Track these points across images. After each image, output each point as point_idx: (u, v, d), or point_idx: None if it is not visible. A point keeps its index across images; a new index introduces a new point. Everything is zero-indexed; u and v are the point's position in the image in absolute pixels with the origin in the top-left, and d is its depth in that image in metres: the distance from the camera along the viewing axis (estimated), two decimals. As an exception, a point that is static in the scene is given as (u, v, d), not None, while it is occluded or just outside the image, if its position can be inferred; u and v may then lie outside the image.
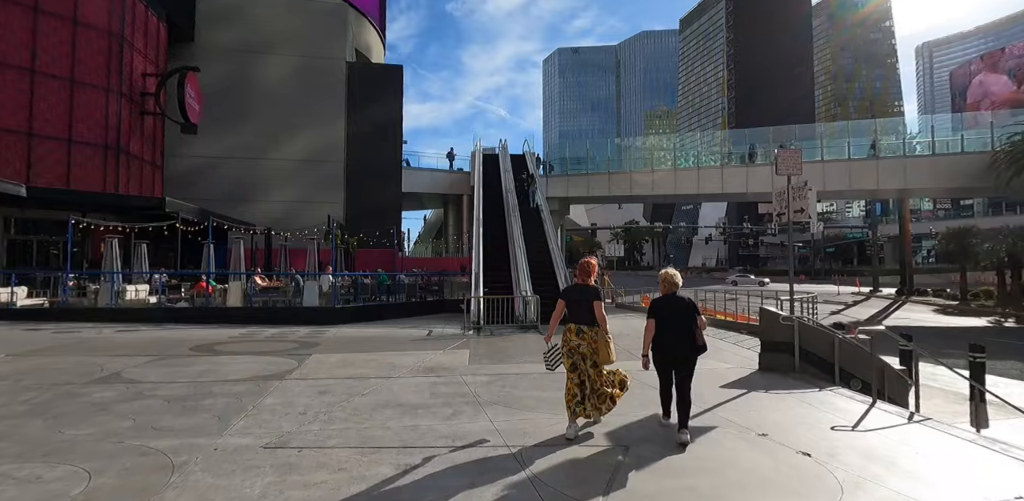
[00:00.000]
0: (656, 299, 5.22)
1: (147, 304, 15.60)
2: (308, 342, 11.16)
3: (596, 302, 5.03)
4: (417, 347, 10.64)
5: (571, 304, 5.18)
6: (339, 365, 8.36)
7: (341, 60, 33.18)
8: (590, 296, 5.07)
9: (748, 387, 7.12)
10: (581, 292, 5.16)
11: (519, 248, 17.85)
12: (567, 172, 36.09)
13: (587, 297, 5.07)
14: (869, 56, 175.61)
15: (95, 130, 21.90)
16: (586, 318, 5.05)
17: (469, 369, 8.13)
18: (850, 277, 60.43)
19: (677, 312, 4.97)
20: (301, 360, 8.80)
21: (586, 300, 5.06)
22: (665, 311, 5.01)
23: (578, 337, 5.05)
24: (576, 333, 5.06)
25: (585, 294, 5.11)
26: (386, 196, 32.86)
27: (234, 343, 11.04)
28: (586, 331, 5.04)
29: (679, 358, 5.00)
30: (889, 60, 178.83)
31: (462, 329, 13.41)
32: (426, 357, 9.20)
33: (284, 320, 14.87)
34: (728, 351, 10.34)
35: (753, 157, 31.82)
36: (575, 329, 5.08)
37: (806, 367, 8.08)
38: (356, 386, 6.77)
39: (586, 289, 5.16)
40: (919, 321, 24.25)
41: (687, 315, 4.93)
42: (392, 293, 18.75)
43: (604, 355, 5.04)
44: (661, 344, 4.99)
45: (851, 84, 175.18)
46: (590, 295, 5.08)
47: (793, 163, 8.43)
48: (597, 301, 5.04)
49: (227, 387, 6.63)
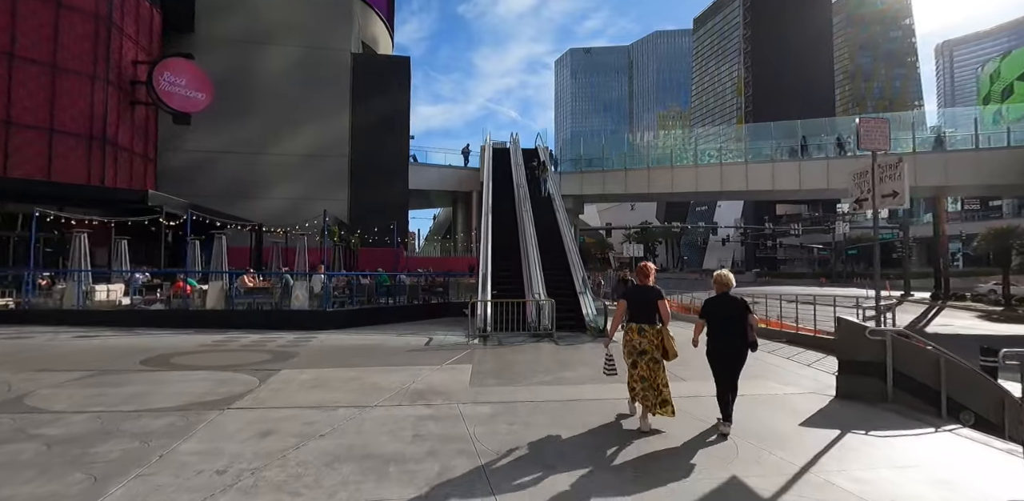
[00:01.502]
0: (710, 298, 5.38)
1: (118, 306, 14.07)
2: (286, 352, 9.53)
3: (660, 301, 5.29)
4: (411, 360, 8.97)
5: (633, 304, 5.38)
6: (308, 386, 6.71)
7: (346, 51, 31.74)
8: (653, 296, 5.30)
9: (838, 425, 5.35)
10: (644, 292, 5.37)
11: (532, 247, 16.14)
12: (581, 169, 34.28)
13: (650, 297, 5.30)
14: (888, 55, 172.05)
15: (79, 119, 20.51)
16: (648, 317, 5.26)
17: (469, 394, 6.43)
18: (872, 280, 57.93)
19: (730, 311, 5.15)
20: (266, 378, 7.16)
21: (649, 300, 5.28)
22: (718, 309, 5.22)
23: (640, 335, 5.23)
24: (638, 332, 5.25)
25: (648, 294, 5.33)
26: (392, 193, 31.31)
27: (201, 353, 9.45)
28: (647, 329, 5.23)
29: (732, 354, 5.14)
30: (909, 59, 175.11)
31: (467, 337, 11.73)
32: (419, 374, 7.52)
33: (270, 324, 13.29)
34: (784, 369, 8.56)
35: (806, 149, 29.72)
36: (636, 328, 5.27)
37: (900, 395, 6.30)
38: (316, 422, 5.10)
39: (649, 289, 5.37)
40: (967, 328, 22.20)
41: (739, 313, 5.10)
42: (392, 295, 17.13)
43: (670, 349, 5.23)
44: (715, 341, 5.18)
45: (869, 83, 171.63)
46: (653, 295, 5.31)
47: (879, 135, 6.68)
48: (661, 300, 5.30)
49: (145, 422, 4.99)
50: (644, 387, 5.12)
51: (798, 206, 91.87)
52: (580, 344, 10.77)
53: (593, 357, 9.36)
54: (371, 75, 32.09)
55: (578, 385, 7.11)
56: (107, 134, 21.39)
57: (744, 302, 5.15)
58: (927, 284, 43.49)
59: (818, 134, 31.88)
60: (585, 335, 12.38)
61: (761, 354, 9.78)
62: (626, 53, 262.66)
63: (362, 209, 29.45)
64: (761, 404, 6.17)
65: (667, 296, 5.81)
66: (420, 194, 38.19)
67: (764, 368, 8.47)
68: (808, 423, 5.47)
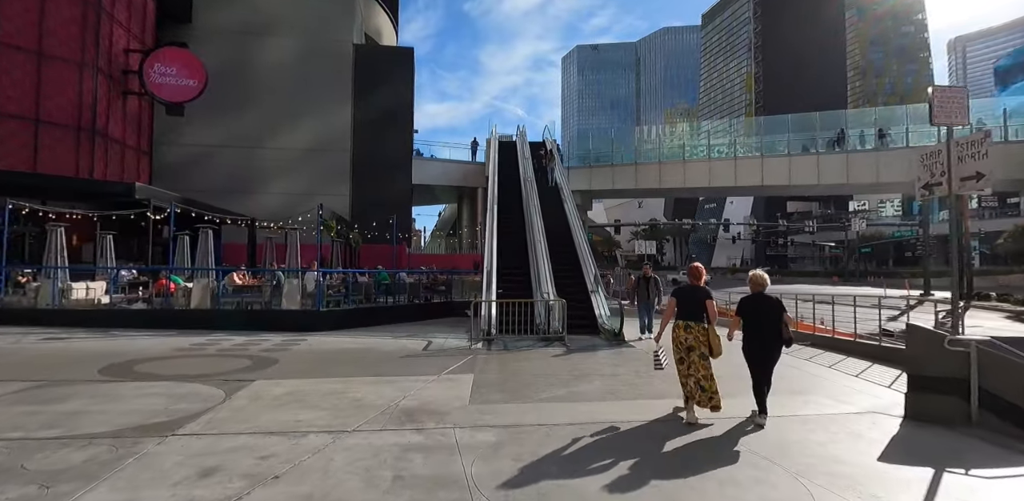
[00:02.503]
0: (745, 297, 5.55)
1: (97, 305, 13.13)
2: (267, 358, 8.55)
3: (708, 301, 5.46)
4: (405, 368, 7.97)
5: (682, 303, 5.57)
6: (279, 403, 5.71)
7: (348, 42, 30.75)
8: (701, 296, 5.50)
9: (924, 458, 4.31)
10: (693, 292, 5.57)
11: (540, 243, 15.11)
12: (590, 164, 33.18)
13: (699, 297, 5.50)
14: (900, 50, 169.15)
15: (67, 109, 19.59)
16: (695, 315, 5.46)
17: (468, 414, 5.41)
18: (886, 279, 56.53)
19: (765, 309, 5.34)
20: (234, 391, 6.18)
21: (698, 299, 5.48)
22: (754, 308, 5.42)
23: (686, 332, 5.43)
24: (684, 329, 5.44)
25: (697, 294, 5.54)
26: (395, 188, 30.34)
27: (174, 359, 8.49)
28: (694, 326, 5.42)
29: (767, 350, 5.33)
30: (921, 54, 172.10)
31: (469, 340, 10.72)
32: (412, 387, 6.52)
33: (258, 325, 12.32)
34: (830, 380, 7.49)
35: (842, 141, 28.52)
36: (683, 325, 5.46)
37: (988, 417, 5.25)
38: (274, 456, 4.09)
39: (698, 289, 5.57)
40: (998, 330, 20.92)
41: (774, 312, 5.29)
42: (392, 294, 16.13)
43: (716, 347, 5.40)
44: (751, 338, 5.37)
45: (880, 79, 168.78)
46: (701, 295, 5.51)
47: (955, 107, 5.60)
48: (709, 300, 5.48)
49: (62, 455, 4.00)
50: (692, 382, 5.34)
51: (809, 204, 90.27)
52: (594, 350, 9.73)
53: (610, 366, 8.33)
54: (374, 67, 31.08)
55: (596, 402, 6.08)
56: (97, 125, 20.48)
57: (779, 301, 5.37)
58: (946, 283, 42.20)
59: (835, 127, 30.65)
60: (598, 338, 11.36)
61: (799, 361, 8.73)
62: (633, 50, 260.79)
63: (364, 204, 28.45)
64: (819, 428, 5.13)
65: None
66: (424, 189, 37.19)
67: (809, 380, 7.41)
68: (887, 456, 4.41)
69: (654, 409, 5.69)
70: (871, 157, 28.46)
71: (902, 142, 28.23)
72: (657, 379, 7.08)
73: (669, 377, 6.15)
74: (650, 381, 7.13)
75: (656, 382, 7.01)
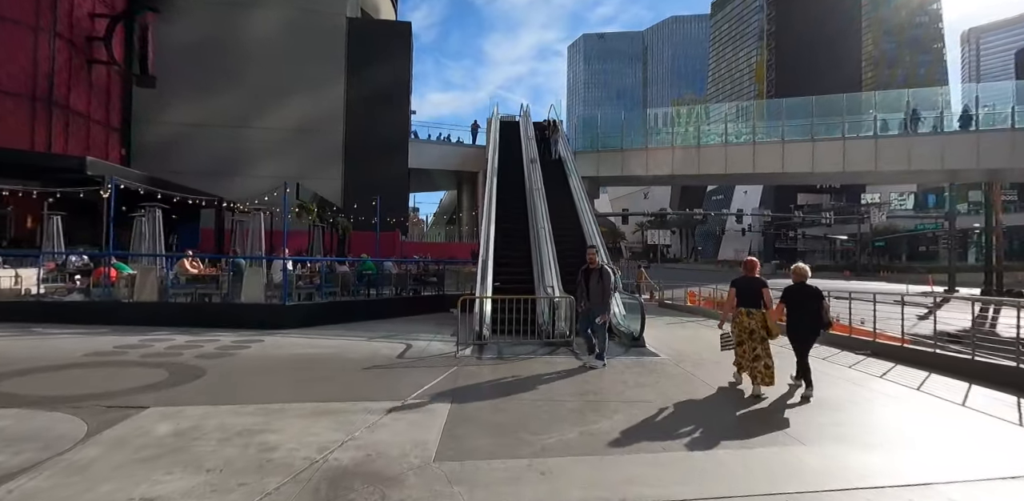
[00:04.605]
0: (789, 287, 6.25)
1: (22, 295, 11.24)
2: (192, 369, 6.64)
3: (764, 289, 6.19)
4: (363, 388, 6.05)
5: (742, 292, 6.29)
6: (146, 456, 3.78)
7: (341, 15, 28.66)
8: (758, 285, 6.22)
9: None
10: (750, 282, 6.29)
11: (543, 229, 13.15)
12: (598, 149, 31.02)
13: (756, 286, 6.21)
14: (914, 41, 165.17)
15: (19, 77, 17.62)
16: (754, 302, 6.19)
17: (429, 484, 3.46)
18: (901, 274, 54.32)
19: (806, 297, 6.07)
20: (103, 428, 4.27)
21: (755, 289, 6.20)
22: (797, 296, 6.13)
23: (748, 317, 6.20)
24: (747, 314, 6.22)
25: (754, 284, 6.25)
26: (391, 171, 28.40)
27: (71, 369, 6.59)
28: (754, 313, 6.18)
29: (808, 332, 6.10)
30: (935, 45, 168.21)
31: (456, 344, 8.75)
32: (360, 424, 4.58)
33: (211, 322, 10.41)
34: (928, 405, 5.52)
35: (917, 122, 26.20)
36: (745, 312, 6.24)
37: None
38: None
39: (755, 280, 6.30)
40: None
41: (815, 300, 6.02)
42: (375, 286, 14.22)
43: (773, 329, 6.13)
44: (795, 322, 6.14)
45: (893, 70, 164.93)
46: (758, 285, 6.23)
47: None
48: (765, 288, 6.19)
49: None
50: (751, 360, 6.08)
51: (820, 196, 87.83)
52: (609, 359, 7.75)
53: (634, 387, 6.37)
54: (368, 42, 28.99)
55: (622, 452, 4.11)
56: (55, 95, 18.48)
57: (819, 290, 6.08)
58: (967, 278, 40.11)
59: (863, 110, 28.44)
60: (611, 342, 9.38)
61: (864, 377, 6.76)
62: (640, 39, 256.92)
63: (357, 189, 26.44)
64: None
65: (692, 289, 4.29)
66: (422, 174, 35.13)
67: (892, 404, 5.44)
68: None
69: (721, 469, 3.75)
70: (902, 143, 26.30)
71: (931, 127, 26.03)
72: (698, 409, 5.17)
73: (719, 407, 4.21)
74: (692, 412, 5.22)
75: (698, 414, 5.10)
